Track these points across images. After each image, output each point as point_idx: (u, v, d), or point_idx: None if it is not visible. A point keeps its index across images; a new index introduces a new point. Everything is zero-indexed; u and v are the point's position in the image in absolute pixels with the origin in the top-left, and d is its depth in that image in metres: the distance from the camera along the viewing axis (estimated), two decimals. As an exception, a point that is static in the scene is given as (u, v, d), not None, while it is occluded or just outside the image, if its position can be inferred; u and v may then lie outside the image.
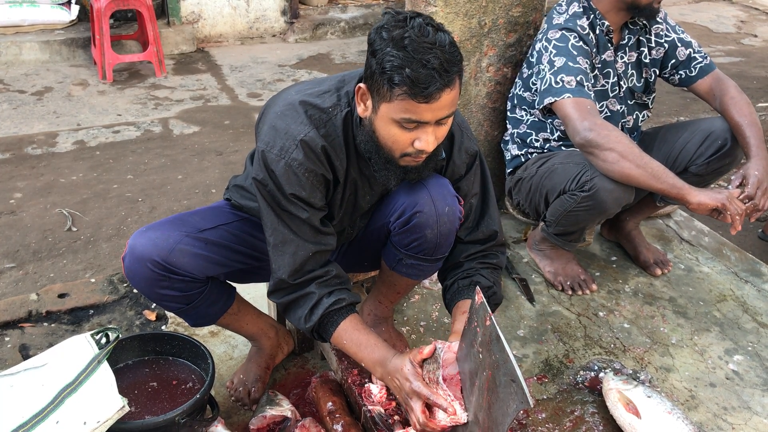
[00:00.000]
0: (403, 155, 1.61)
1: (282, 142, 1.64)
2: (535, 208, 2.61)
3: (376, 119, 1.58)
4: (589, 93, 2.34)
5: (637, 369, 2.26)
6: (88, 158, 4.11)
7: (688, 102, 5.34)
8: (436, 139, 1.58)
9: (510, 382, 1.37)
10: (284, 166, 1.63)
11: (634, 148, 2.23)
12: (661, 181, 2.21)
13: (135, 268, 1.73)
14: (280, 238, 1.69)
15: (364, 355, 1.73)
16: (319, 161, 1.66)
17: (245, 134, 4.54)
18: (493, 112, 2.87)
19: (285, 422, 1.92)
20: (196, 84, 5.40)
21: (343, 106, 1.69)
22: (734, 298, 2.66)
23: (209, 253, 1.79)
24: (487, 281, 1.88)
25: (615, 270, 2.81)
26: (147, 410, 1.78)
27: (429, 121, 1.53)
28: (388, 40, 1.48)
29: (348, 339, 1.73)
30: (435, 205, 1.77)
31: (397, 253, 1.91)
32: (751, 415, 2.11)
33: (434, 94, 1.47)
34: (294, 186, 1.64)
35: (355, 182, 1.78)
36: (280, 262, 1.71)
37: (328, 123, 1.67)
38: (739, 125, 2.38)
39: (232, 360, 2.24)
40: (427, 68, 1.45)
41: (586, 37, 2.42)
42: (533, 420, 2.04)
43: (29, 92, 5.05)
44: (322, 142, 1.65)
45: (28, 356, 2.20)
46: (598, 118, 2.28)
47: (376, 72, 1.51)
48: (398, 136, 1.56)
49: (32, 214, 3.47)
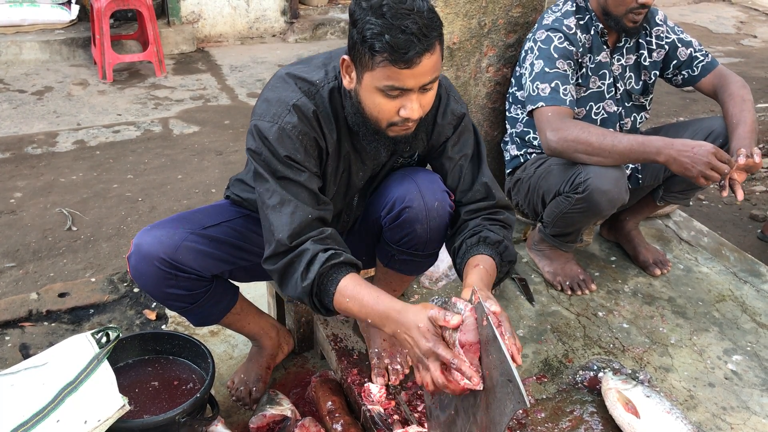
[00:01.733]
0: (389, 125, 1.61)
1: (275, 110, 1.65)
2: (534, 209, 2.62)
3: (360, 90, 1.59)
4: (563, 98, 2.34)
5: (636, 369, 2.27)
6: (88, 158, 4.12)
7: (688, 103, 5.35)
8: (421, 107, 1.58)
9: (507, 382, 1.37)
10: (278, 129, 1.63)
11: (592, 140, 2.21)
12: (633, 158, 2.22)
13: (141, 267, 1.73)
14: (278, 200, 1.64)
15: (370, 309, 1.54)
16: (311, 125, 1.67)
17: (245, 134, 4.53)
18: (492, 112, 2.88)
19: (285, 421, 1.92)
20: (196, 84, 5.40)
21: (330, 79, 1.70)
22: (733, 299, 2.66)
23: (214, 250, 1.80)
24: (496, 236, 1.77)
25: (614, 270, 2.81)
26: (147, 409, 1.78)
27: (412, 87, 1.53)
28: (367, 9, 1.50)
29: (351, 295, 1.56)
30: (424, 200, 1.77)
31: (390, 249, 1.91)
32: (749, 415, 2.11)
33: (414, 58, 1.48)
34: (289, 149, 1.64)
35: (348, 156, 1.78)
36: (277, 223, 1.62)
37: (317, 95, 1.69)
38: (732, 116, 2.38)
39: (232, 359, 2.25)
40: (406, 33, 1.46)
41: (572, 37, 2.42)
42: (532, 419, 2.05)
43: (29, 92, 5.05)
44: (314, 107, 1.67)
45: (28, 355, 2.20)
46: (562, 124, 2.28)
47: (357, 42, 1.52)
48: (383, 105, 1.57)
49: (32, 213, 3.48)
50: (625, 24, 2.39)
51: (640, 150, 2.20)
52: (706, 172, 2.12)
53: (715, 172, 2.12)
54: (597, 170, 2.28)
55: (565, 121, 2.29)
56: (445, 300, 1.55)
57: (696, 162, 2.12)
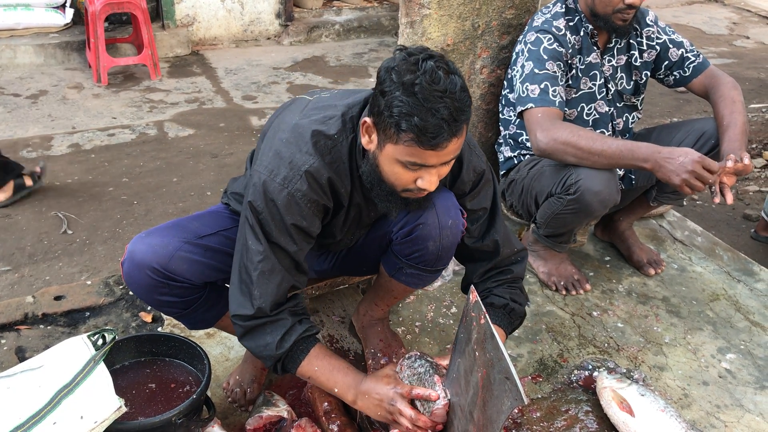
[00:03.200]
0: (404, 190, 1.61)
1: (286, 172, 1.62)
2: (527, 210, 2.63)
3: (380, 156, 1.57)
4: (553, 100, 2.35)
5: (630, 368, 2.28)
6: (84, 161, 4.11)
7: (681, 103, 5.37)
8: (438, 178, 1.59)
9: (504, 380, 1.38)
10: (287, 195, 1.61)
11: (581, 143, 2.23)
12: (622, 163, 2.24)
13: (134, 275, 1.73)
14: (269, 267, 1.65)
15: (338, 379, 1.72)
16: (322, 192, 1.65)
17: (240, 137, 4.55)
18: (486, 113, 2.89)
19: (281, 422, 1.92)
20: (191, 87, 5.40)
21: (348, 132, 1.67)
22: (727, 298, 2.68)
23: (208, 260, 1.79)
24: (501, 300, 1.88)
25: (608, 270, 2.82)
26: (144, 411, 1.78)
27: (434, 164, 1.53)
28: (398, 84, 1.46)
29: (319, 366, 1.72)
30: (438, 218, 1.77)
31: (398, 262, 1.91)
32: (743, 413, 2.13)
33: (442, 143, 1.47)
34: (295, 216, 1.63)
35: (359, 205, 1.79)
36: (263, 290, 1.66)
37: (334, 150, 1.65)
38: (722, 117, 2.39)
39: (228, 361, 2.25)
40: (436, 118, 1.44)
41: (562, 38, 2.44)
42: (528, 419, 2.06)
43: (24, 95, 5.04)
44: (328, 173, 1.64)
45: (24, 358, 2.20)
46: (552, 125, 2.30)
47: (384, 113, 1.49)
48: (401, 174, 1.56)
49: (28, 217, 3.47)
50: (615, 23, 2.41)
51: (628, 156, 2.21)
52: (691, 181, 2.13)
53: (699, 181, 2.13)
54: (588, 171, 2.29)
55: (555, 122, 2.31)
56: (418, 356, 1.77)
57: (680, 171, 2.13)
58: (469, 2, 2.61)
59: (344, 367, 1.74)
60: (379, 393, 1.66)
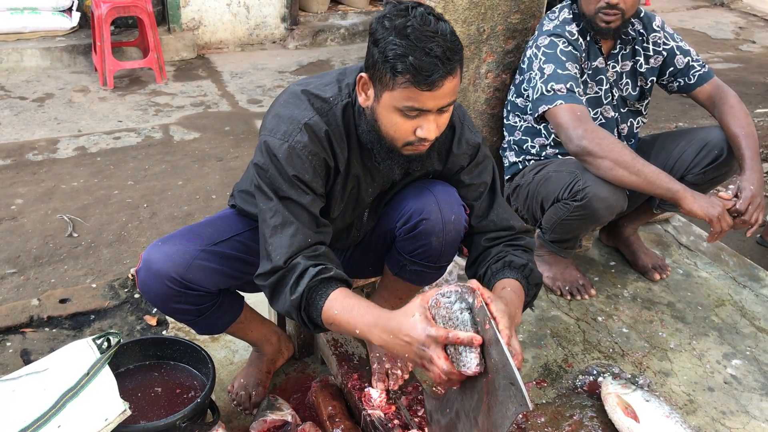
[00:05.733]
0: (405, 144, 1.61)
1: (286, 127, 1.64)
2: (533, 215, 2.62)
3: (378, 108, 1.58)
4: (580, 99, 2.35)
5: (635, 373, 2.27)
6: (89, 164, 4.13)
7: (687, 108, 5.36)
8: (437, 127, 1.59)
9: (509, 385, 1.38)
10: (288, 148, 1.62)
11: (626, 155, 2.24)
12: (656, 186, 2.23)
13: (151, 284, 1.73)
14: (280, 220, 1.62)
15: (358, 320, 1.51)
16: (322, 146, 1.66)
17: (246, 140, 4.56)
18: (491, 118, 2.89)
19: (285, 426, 1.93)
20: (196, 90, 5.42)
21: (343, 96, 1.69)
22: (732, 303, 2.67)
23: (224, 267, 1.79)
24: (520, 260, 1.75)
25: (614, 275, 2.82)
26: (148, 414, 1.78)
27: (431, 109, 1.53)
28: (390, 29, 1.50)
29: (339, 307, 1.54)
30: (442, 213, 1.77)
31: (401, 259, 1.91)
32: (749, 419, 2.12)
33: (437, 81, 1.49)
34: (297, 168, 1.62)
35: (357, 176, 1.78)
36: (277, 244, 1.61)
37: (329, 112, 1.68)
38: (736, 136, 2.39)
39: (232, 365, 2.25)
40: (430, 56, 1.47)
41: (575, 43, 2.43)
42: (532, 424, 2.05)
43: (30, 99, 5.06)
44: (326, 127, 1.66)
45: (29, 361, 2.21)
46: (591, 124, 2.29)
47: (379, 61, 1.51)
48: (400, 124, 1.57)
49: (33, 219, 3.48)
50: (597, 24, 2.40)
51: (665, 179, 2.23)
52: (724, 217, 2.24)
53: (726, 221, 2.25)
54: (596, 178, 2.28)
55: (592, 123, 2.30)
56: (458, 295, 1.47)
57: (716, 204, 2.23)
58: (474, 7, 2.61)
59: (365, 305, 1.53)
60: (409, 334, 1.43)
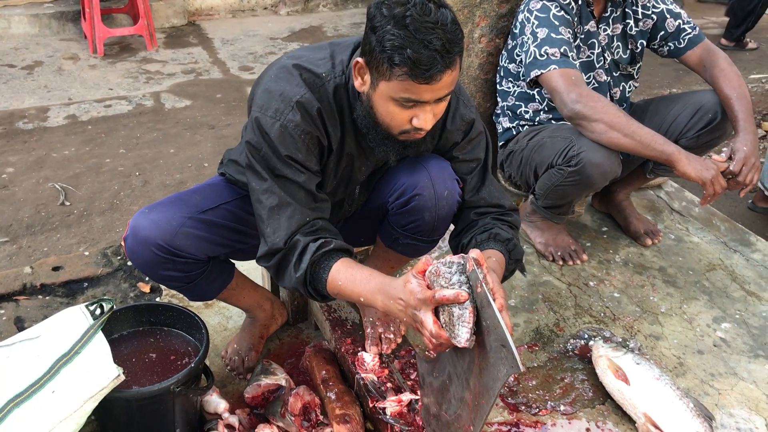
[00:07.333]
0: (401, 132, 1.59)
1: (277, 105, 1.61)
2: (526, 181, 2.62)
3: (374, 95, 1.55)
4: (574, 63, 2.33)
5: (626, 337, 2.29)
6: (80, 132, 4.10)
7: (680, 74, 5.34)
8: (434, 117, 1.56)
9: (500, 348, 1.39)
10: (280, 127, 1.59)
11: (621, 117, 2.23)
12: (650, 148, 2.23)
13: (138, 251, 1.72)
14: (276, 202, 1.62)
15: (362, 288, 1.55)
16: (314, 124, 1.63)
17: (237, 108, 4.53)
18: (485, 83, 2.87)
19: (279, 390, 1.94)
20: (187, 57, 5.36)
21: (336, 74, 1.65)
22: (723, 268, 2.69)
23: (212, 235, 1.78)
24: (506, 234, 1.77)
25: (606, 240, 2.83)
26: (142, 380, 1.79)
27: (428, 100, 1.50)
28: (388, 17, 1.44)
29: (343, 278, 1.58)
30: (435, 188, 1.76)
31: (394, 232, 1.91)
32: (737, 381, 2.15)
33: (435, 75, 1.45)
34: (290, 148, 1.61)
35: (351, 154, 1.76)
36: (275, 226, 1.62)
37: (321, 89, 1.64)
38: (728, 98, 2.38)
39: (226, 331, 2.26)
40: (429, 49, 1.42)
41: (566, 7, 2.41)
42: (524, 387, 2.07)
43: (19, 66, 5.01)
44: (318, 104, 1.63)
45: (23, 328, 2.21)
46: (585, 88, 2.28)
47: (376, 49, 1.47)
48: (396, 113, 1.54)
49: (25, 188, 3.47)
50: None
51: (660, 141, 2.23)
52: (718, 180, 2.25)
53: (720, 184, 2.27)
54: (590, 143, 2.28)
55: (586, 87, 2.29)
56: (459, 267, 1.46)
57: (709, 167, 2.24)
58: (467, -30, 2.58)
59: (367, 274, 1.56)
60: (403, 298, 1.47)
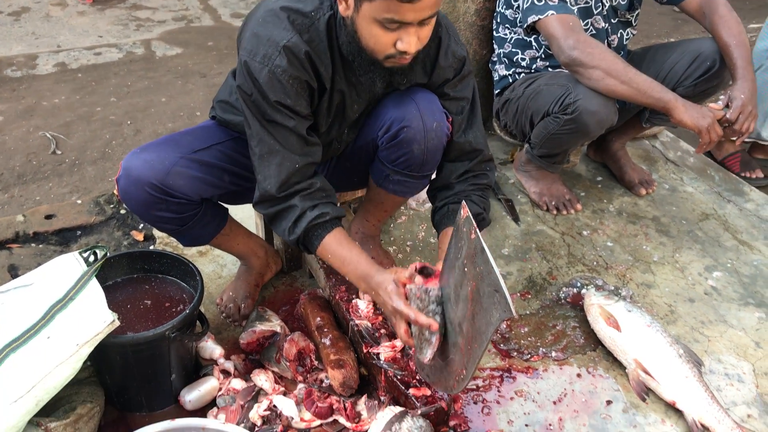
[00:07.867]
0: (386, 57, 1.57)
1: (265, 50, 1.59)
2: (522, 130, 2.61)
3: (357, 18, 1.53)
4: (571, 9, 2.30)
5: (618, 285, 2.31)
6: (70, 81, 4.04)
7: (679, 23, 5.27)
8: (418, 41, 1.54)
9: (493, 293, 1.39)
10: (268, 73, 1.59)
11: (618, 64, 2.21)
12: (647, 95, 2.21)
13: (131, 191, 1.72)
14: (266, 149, 1.66)
15: (349, 269, 1.71)
16: (303, 68, 1.62)
17: (229, 56, 4.46)
18: (481, 30, 2.82)
19: (274, 337, 1.96)
20: (177, 4, 5.26)
21: (325, 9, 1.64)
22: (716, 217, 2.70)
23: (204, 175, 1.78)
24: (477, 207, 1.86)
25: (600, 190, 2.83)
26: (137, 326, 1.80)
27: (411, 21, 1.48)
28: None
29: (332, 253, 1.71)
30: (423, 120, 1.75)
31: (384, 169, 1.90)
32: (726, 328, 2.17)
33: None
34: (278, 93, 1.61)
35: (342, 91, 1.75)
36: (266, 173, 1.68)
37: (311, 28, 1.62)
38: (727, 46, 2.35)
39: (221, 279, 2.27)
40: None
41: None
42: (516, 334, 2.10)
43: (5, 12, 4.90)
44: (306, 47, 1.61)
45: (16, 275, 2.21)
46: (582, 35, 2.25)
47: None
48: (380, 36, 1.52)
49: (15, 137, 3.43)
50: None
51: (657, 89, 2.21)
52: (714, 128, 2.24)
53: (716, 132, 2.26)
54: (587, 91, 2.26)
55: (584, 33, 2.27)
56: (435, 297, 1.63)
57: (706, 115, 2.23)
58: None
59: (356, 258, 1.70)
60: (384, 301, 1.63)
